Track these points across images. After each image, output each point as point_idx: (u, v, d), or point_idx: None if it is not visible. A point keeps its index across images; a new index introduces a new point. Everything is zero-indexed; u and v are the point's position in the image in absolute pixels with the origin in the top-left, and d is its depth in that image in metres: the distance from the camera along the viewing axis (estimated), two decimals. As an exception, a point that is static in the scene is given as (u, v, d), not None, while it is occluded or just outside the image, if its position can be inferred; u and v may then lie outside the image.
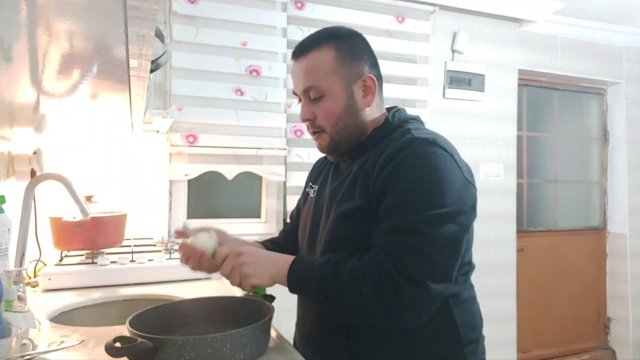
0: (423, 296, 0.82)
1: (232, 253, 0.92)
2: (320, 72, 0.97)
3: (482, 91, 2.81)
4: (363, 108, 0.99)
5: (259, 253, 0.95)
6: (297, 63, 1.00)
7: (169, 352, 0.78)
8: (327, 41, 0.98)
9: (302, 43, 1.01)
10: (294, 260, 0.92)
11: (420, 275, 0.81)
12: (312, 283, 0.87)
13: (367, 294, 0.83)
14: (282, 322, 1.24)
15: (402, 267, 0.81)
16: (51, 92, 0.98)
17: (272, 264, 0.92)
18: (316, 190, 1.12)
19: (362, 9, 2.51)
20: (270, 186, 2.44)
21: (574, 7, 2.88)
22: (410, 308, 0.83)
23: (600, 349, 3.39)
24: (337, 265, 0.87)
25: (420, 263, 0.82)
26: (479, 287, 1.04)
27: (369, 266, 0.84)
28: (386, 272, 0.82)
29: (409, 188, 0.87)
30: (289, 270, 0.90)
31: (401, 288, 0.81)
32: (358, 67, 0.99)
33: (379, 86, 1.01)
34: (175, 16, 2.17)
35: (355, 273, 0.85)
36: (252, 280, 0.90)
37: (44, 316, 1.17)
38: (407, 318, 0.85)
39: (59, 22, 0.53)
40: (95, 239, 1.57)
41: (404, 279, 0.81)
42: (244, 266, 0.90)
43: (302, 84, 0.99)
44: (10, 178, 1.40)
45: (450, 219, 0.85)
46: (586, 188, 3.49)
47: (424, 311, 0.85)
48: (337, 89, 0.97)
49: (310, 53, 0.98)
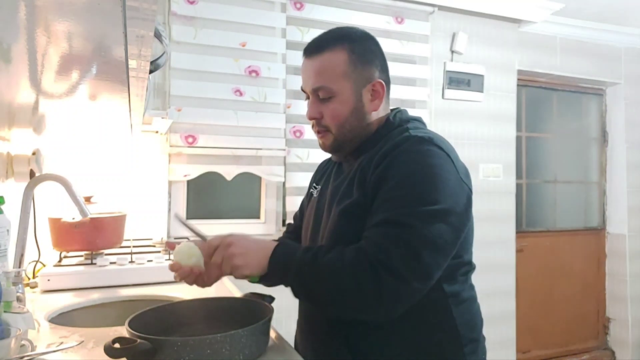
0: (403, 291, 0.82)
1: (222, 244, 0.91)
2: (331, 74, 0.97)
3: (481, 92, 2.81)
4: (370, 112, 1.00)
5: (248, 243, 0.92)
6: (308, 61, 1.00)
7: (169, 353, 0.78)
8: (341, 42, 0.98)
9: (316, 41, 1.01)
10: (277, 245, 0.91)
11: (404, 270, 0.81)
12: (291, 269, 0.87)
13: (345, 285, 0.83)
14: (282, 323, 1.24)
15: (387, 259, 0.81)
16: (50, 93, 0.98)
17: (261, 253, 0.90)
18: (319, 191, 1.13)
19: (361, 10, 2.51)
20: (269, 187, 2.44)
21: (573, 8, 2.89)
22: (388, 302, 0.82)
23: (599, 349, 3.39)
24: (317, 254, 0.87)
25: (405, 257, 0.81)
26: (478, 288, 1.04)
27: (352, 256, 0.84)
28: (369, 263, 0.82)
29: (401, 183, 0.87)
30: (270, 256, 0.89)
31: (382, 281, 0.80)
32: (369, 72, 0.99)
33: (387, 91, 1.02)
34: (175, 17, 2.17)
35: (335, 263, 0.84)
36: (243, 271, 0.90)
37: (43, 317, 1.17)
38: (382, 311, 0.84)
39: (58, 23, 0.53)
40: (94, 240, 1.57)
41: (386, 271, 0.80)
42: (234, 258, 0.89)
43: (313, 83, 0.99)
44: (10, 179, 1.40)
45: (441, 218, 0.85)
46: (585, 188, 3.49)
47: (399, 306, 0.84)
48: (347, 92, 0.97)
49: (324, 53, 0.98)
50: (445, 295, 0.93)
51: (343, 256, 0.85)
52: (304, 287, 0.88)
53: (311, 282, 0.87)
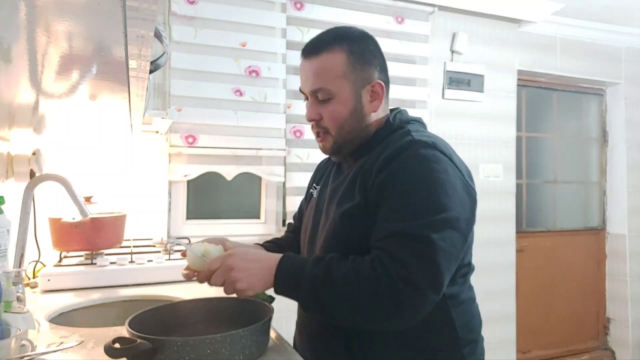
0: (421, 302, 0.82)
1: (222, 267, 0.88)
2: (330, 75, 0.96)
3: (482, 92, 2.81)
4: (369, 113, 1.00)
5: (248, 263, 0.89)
6: (307, 62, 0.99)
7: (169, 353, 0.78)
8: (340, 43, 0.97)
9: (314, 42, 1.00)
10: (282, 259, 0.89)
11: (424, 284, 0.81)
12: (303, 283, 0.85)
13: (362, 297, 0.82)
14: (281, 323, 1.24)
15: (406, 272, 0.80)
16: (50, 93, 0.98)
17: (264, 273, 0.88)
18: (318, 191, 1.12)
19: (362, 10, 2.51)
20: (269, 187, 2.44)
21: (573, 8, 2.89)
22: (404, 313, 0.82)
23: (599, 350, 3.38)
24: (330, 266, 0.85)
25: (426, 271, 0.81)
26: (478, 288, 1.04)
27: (368, 269, 0.83)
28: (388, 276, 0.81)
29: (410, 191, 0.87)
30: (276, 270, 0.88)
31: (401, 294, 0.80)
32: (368, 72, 0.98)
33: (386, 91, 1.01)
34: (175, 17, 2.17)
35: (350, 274, 0.83)
36: (247, 293, 0.88)
37: (43, 317, 1.17)
38: (397, 322, 0.84)
39: (58, 23, 0.53)
40: (94, 240, 1.57)
41: (406, 285, 0.80)
42: (237, 283, 0.86)
43: (311, 84, 0.98)
44: (10, 179, 1.40)
45: (451, 225, 0.84)
46: (585, 188, 3.49)
47: (416, 317, 0.84)
48: (346, 93, 0.97)
49: (322, 53, 0.97)
50: (444, 297, 0.92)
51: (358, 270, 0.83)
52: (317, 302, 0.86)
53: (325, 298, 0.84)
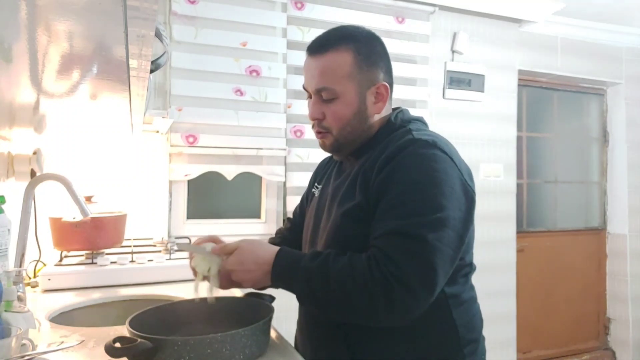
0: (413, 302, 0.81)
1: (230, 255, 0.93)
2: (336, 75, 0.95)
3: (482, 91, 2.81)
4: (372, 115, 0.99)
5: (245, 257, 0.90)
6: (312, 59, 0.98)
7: (169, 352, 0.78)
8: (347, 43, 0.96)
9: (321, 40, 0.99)
10: (278, 252, 0.90)
11: (416, 284, 0.80)
12: (298, 276, 0.86)
13: (355, 294, 0.82)
14: (282, 322, 1.24)
15: (399, 272, 0.80)
16: (51, 93, 0.98)
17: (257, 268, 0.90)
18: (320, 191, 1.12)
19: (362, 9, 2.51)
20: (270, 186, 2.44)
21: (574, 8, 2.88)
22: (395, 312, 0.81)
23: (600, 350, 3.38)
24: (326, 261, 0.86)
25: (419, 271, 0.81)
26: (478, 288, 1.04)
27: (363, 266, 0.83)
28: (381, 274, 0.80)
29: (408, 189, 0.86)
30: (273, 263, 0.88)
31: (393, 293, 0.80)
32: (374, 74, 0.98)
33: (390, 93, 1.01)
34: (175, 16, 2.17)
35: (345, 271, 0.83)
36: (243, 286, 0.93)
37: (44, 316, 1.17)
38: (388, 320, 0.84)
39: (58, 23, 0.53)
40: (95, 239, 1.57)
41: (398, 284, 0.79)
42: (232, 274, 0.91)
43: (316, 83, 0.97)
44: (10, 178, 1.40)
45: (448, 225, 0.84)
46: (586, 188, 3.49)
47: (408, 316, 0.83)
48: (351, 93, 0.96)
49: (329, 52, 0.96)
50: (445, 296, 0.92)
51: (353, 266, 0.84)
52: (312, 295, 0.87)
53: (320, 291, 0.85)
